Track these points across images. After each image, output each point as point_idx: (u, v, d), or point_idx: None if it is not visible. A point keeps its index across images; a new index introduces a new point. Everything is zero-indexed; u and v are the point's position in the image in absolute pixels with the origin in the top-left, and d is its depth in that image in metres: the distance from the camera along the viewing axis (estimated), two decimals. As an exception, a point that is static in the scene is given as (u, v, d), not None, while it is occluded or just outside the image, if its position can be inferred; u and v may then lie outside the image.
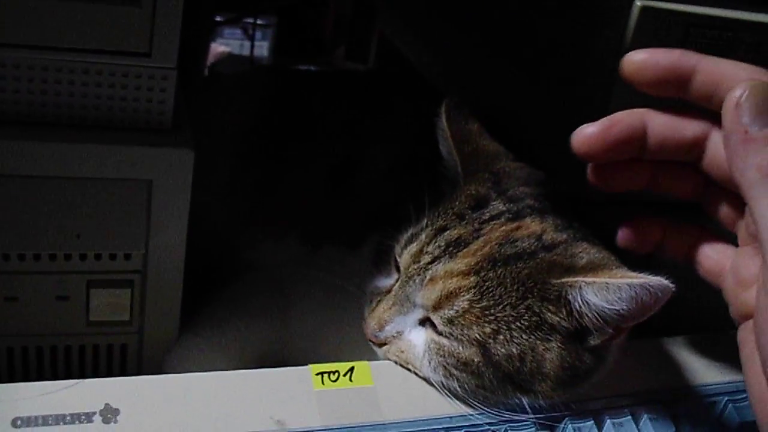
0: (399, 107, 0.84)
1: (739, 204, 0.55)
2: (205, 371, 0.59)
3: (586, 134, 0.56)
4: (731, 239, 0.60)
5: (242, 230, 0.82)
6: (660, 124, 0.57)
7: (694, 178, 0.60)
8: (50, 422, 0.53)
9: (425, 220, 0.63)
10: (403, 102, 0.85)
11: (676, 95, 0.56)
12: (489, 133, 0.68)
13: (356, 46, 1.51)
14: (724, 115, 0.52)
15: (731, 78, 0.53)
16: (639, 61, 0.55)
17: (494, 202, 0.63)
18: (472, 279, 0.58)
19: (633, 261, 0.60)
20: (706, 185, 0.60)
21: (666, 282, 0.54)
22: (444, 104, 0.66)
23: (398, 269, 0.64)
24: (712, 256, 0.61)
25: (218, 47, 1.54)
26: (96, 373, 0.68)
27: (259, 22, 1.53)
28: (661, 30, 0.66)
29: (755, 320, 0.53)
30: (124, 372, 0.69)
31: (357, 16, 1.52)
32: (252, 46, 1.50)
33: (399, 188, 0.73)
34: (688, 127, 0.57)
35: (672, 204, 0.62)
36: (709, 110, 0.55)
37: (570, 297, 0.57)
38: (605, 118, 0.57)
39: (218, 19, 1.41)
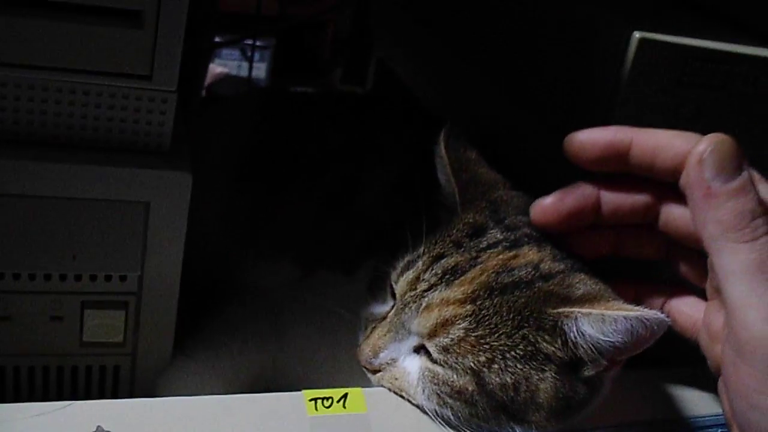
0: (396, 132, 0.84)
1: (703, 260, 0.57)
2: (198, 394, 0.59)
3: (543, 206, 0.61)
4: (704, 294, 0.61)
5: (237, 253, 0.82)
6: (612, 192, 0.61)
7: (657, 239, 0.63)
8: (41, 444, 0.53)
9: (422, 248, 0.63)
10: (400, 127, 0.86)
11: (619, 169, 0.59)
12: (487, 162, 0.68)
13: (353, 69, 1.51)
14: (686, 170, 0.55)
15: (667, 147, 0.57)
16: (578, 141, 0.59)
17: (492, 231, 0.63)
18: (468, 307, 0.58)
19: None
20: (670, 244, 0.63)
21: (662, 316, 0.54)
22: (443, 132, 0.66)
23: (394, 296, 0.63)
24: (685, 311, 0.64)
25: (216, 68, 1.54)
26: (88, 395, 0.68)
27: (257, 44, 1.54)
28: (659, 62, 0.67)
29: (723, 373, 0.56)
30: (116, 394, 0.68)
31: (354, 40, 1.53)
32: (250, 68, 1.50)
33: (395, 214, 0.73)
34: (640, 193, 0.61)
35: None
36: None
37: (566, 327, 0.57)
38: (560, 189, 0.61)
39: (217, 40, 1.42)
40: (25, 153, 0.58)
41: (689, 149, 0.55)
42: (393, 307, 0.63)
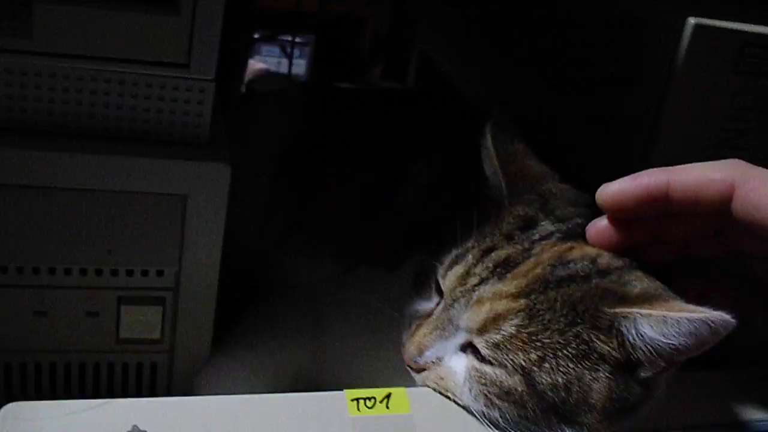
0: (439, 126, 0.82)
1: None
2: (237, 393, 0.58)
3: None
4: None
5: (277, 250, 0.80)
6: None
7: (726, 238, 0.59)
8: (77, 443, 0.51)
9: (471, 241, 0.60)
10: (444, 120, 0.84)
11: (662, 212, 0.57)
12: (534, 154, 0.66)
13: (394, 65, 1.50)
14: None
15: (707, 185, 0.54)
16: (612, 194, 0.57)
17: (543, 223, 0.60)
18: (521, 302, 0.56)
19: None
20: (739, 241, 0.58)
21: (727, 317, 0.51)
22: (489, 124, 0.64)
23: (440, 292, 0.61)
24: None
25: (256, 64, 1.54)
26: (125, 393, 0.67)
27: (297, 40, 1.53)
28: (715, 49, 0.64)
29: None
30: (153, 392, 0.67)
31: (395, 35, 1.51)
32: (290, 64, 1.49)
33: (439, 209, 0.71)
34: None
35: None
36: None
37: (623, 329, 0.54)
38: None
39: (256, 36, 1.41)
40: (60, 144, 0.57)
41: (731, 181, 0.54)
42: (439, 303, 0.61)
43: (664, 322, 0.52)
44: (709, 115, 0.67)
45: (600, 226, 0.58)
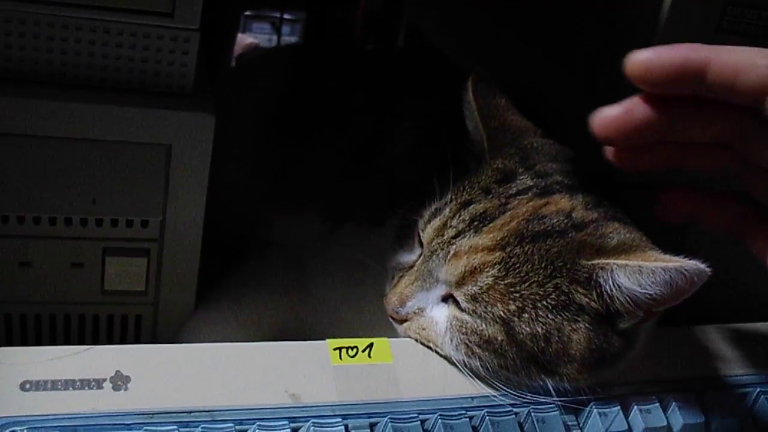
0: (424, 85, 0.82)
1: None
2: (221, 344, 0.58)
3: (607, 117, 0.53)
4: None
5: (264, 207, 0.80)
6: (684, 109, 0.53)
7: (724, 156, 0.55)
8: (59, 387, 0.52)
9: (450, 195, 0.61)
10: (429, 80, 0.84)
11: (691, 92, 0.51)
12: (517, 110, 0.66)
13: (385, 43, 1.49)
14: None
15: (749, 67, 0.49)
16: (644, 61, 0.50)
17: (521, 177, 0.61)
18: (497, 254, 0.56)
19: (665, 244, 0.58)
20: (741, 163, 0.55)
21: (702, 266, 0.51)
22: (471, 77, 0.64)
23: (421, 244, 0.62)
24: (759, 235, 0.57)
25: (245, 39, 1.53)
26: (110, 345, 0.66)
27: (287, 17, 1.52)
28: (698, 8, 0.64)
29: None
30: (138, 344, 0.67)
31: (385, 11, 1.50)
32: (278, 41, 1.49)
33: (423, 166, 0.71)
34: (715, 113, 0.53)
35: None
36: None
37: (601, 279, 0.55)
38: (626, 100, 0.53)
39: (247, 13, 1.41)
40: (44, 93, 0.56)
41: None
42: (420, 255, 0.61)
43: (639, 272, 0.52)
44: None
45: (609, 113, 0.53)
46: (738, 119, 0.53)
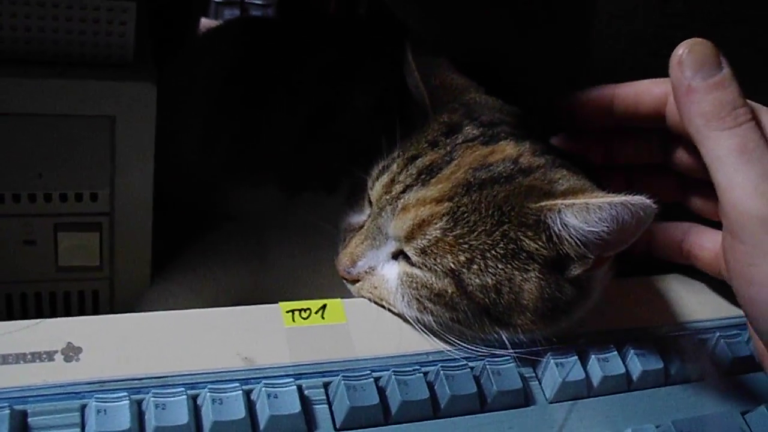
0: (376, 53, 0.82)
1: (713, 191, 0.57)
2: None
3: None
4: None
5: (220, 179, 0.80)
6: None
7: (668, 179, 0.67)
8: (10, 361, 0.51)
9: (397, 151, 0.61)
10: (383, 47, 0.83)
11: (606, 123, 0.64)
12: (460, 71, 0.67)
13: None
14: (670, 74, 0.57)
15: (646, 93, 0.62)
16: (570, 109, 0.65)
17: (467, 127, 0.61)
18: (445, 205, 0.56)
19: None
20: (682, 184, 0.67)
21: (647, 201, 0.51)
22: (408, 40, 0.65)
23: (371, 203, 0.62)
24: (707, 246, 0.66)
25: (213, 23, 1.52)
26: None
27: (259, 2, 1.52)
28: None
29: (727, 268, 0.57)
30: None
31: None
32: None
33: (376, 130, 0.71)
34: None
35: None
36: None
37: (549, 221, 0.54)
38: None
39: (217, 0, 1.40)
40: (-19, 69, 0.56)
41: (667, 92, 0.60)
42: (370, 214, 0.61)
43: (586, 209, 0.52)
44: (642, 22, 0.68)
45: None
46: (661, 140, 0.65)
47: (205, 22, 1.38)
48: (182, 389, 0.51)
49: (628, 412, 0.59)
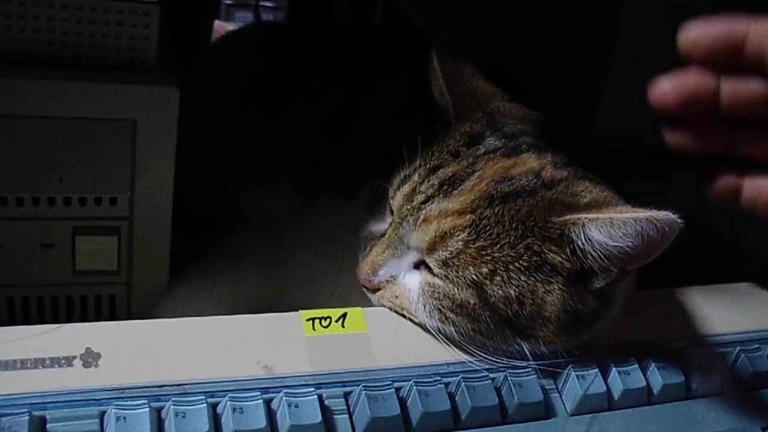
0: (396, 58, 0.82)
1: None
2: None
3: (662, 88, 0.52)
4: None
5: (238, 183, 0.80)
6: (731, 80, 0.52)
7: None
8: (29, 366, 0.51)
9: (418, 160, 0.60)
10: (401, 53, 0.83)
11: (733, 64, 0.51)
12: (484, 77, 0.66)
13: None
14: None
15: None
16: (690, 39, 0.51)
17: (489, 138, 0.60)
18: (467, 218, 0.56)
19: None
20: None
21: (673, 216, 0.51)
22: (434, 46, 0.64)
23: (392, 212, 0.61)
24: None
25: (227, 25, 1.53)
26: (82, 324, 0.66)
27: (270, 4, 1.52)
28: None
29: None
30: (111, 322, 0.67)
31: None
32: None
33: (395, 137, 0.71)
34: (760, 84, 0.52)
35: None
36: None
37: (573, 235, 0.54)
38: (676, 72, 0.52)
39: (228, 2, 1.41)
40: (5, 71, 0.55)
41: None
42: (391, 223, 0.61)
43: (611, 224, 0.52)
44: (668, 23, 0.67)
45: (665, 83, 0.52)
46: None
47: (218, 25, 1.38)
48: (202, 397, 0.51)
49: (648, 426, 0.59)
